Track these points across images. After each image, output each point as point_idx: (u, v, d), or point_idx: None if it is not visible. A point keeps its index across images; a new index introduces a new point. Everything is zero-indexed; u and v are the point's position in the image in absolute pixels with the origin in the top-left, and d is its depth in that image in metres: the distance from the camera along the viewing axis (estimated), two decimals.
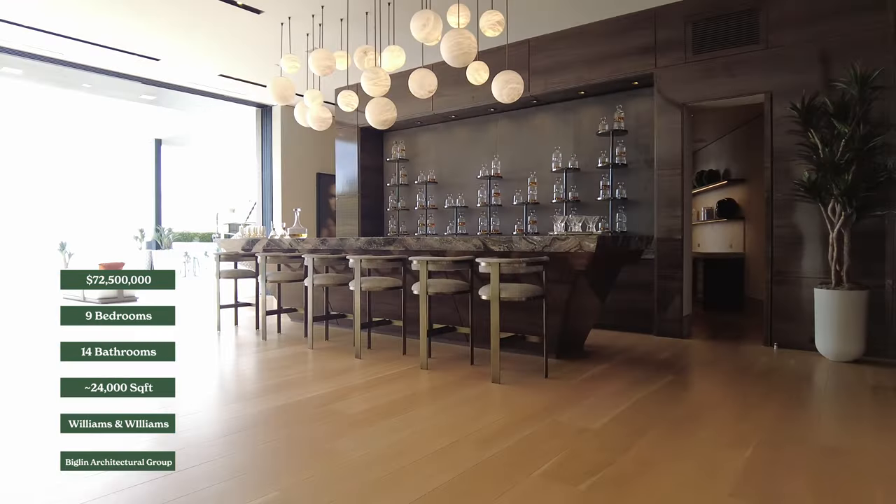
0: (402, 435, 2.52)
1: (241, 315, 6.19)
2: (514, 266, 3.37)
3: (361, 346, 4.25)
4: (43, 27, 6.02)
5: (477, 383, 3.42)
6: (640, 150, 5.62)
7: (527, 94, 5.86)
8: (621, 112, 5.63)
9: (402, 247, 4.35)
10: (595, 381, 3.49)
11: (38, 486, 2.04)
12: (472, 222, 6.88)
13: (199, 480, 2.04)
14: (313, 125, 5.51)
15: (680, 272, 5.02)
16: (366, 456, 2.28)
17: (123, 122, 12.16)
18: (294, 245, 5.33)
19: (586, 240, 3.37)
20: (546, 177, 6.18)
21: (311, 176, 9.85)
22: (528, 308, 3.89)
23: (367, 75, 4.55)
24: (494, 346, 3.38)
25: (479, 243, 3.86)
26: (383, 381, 3.49)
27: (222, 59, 7.14)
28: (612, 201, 5.70)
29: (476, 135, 6.87)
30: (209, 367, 4.11)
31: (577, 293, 3.82)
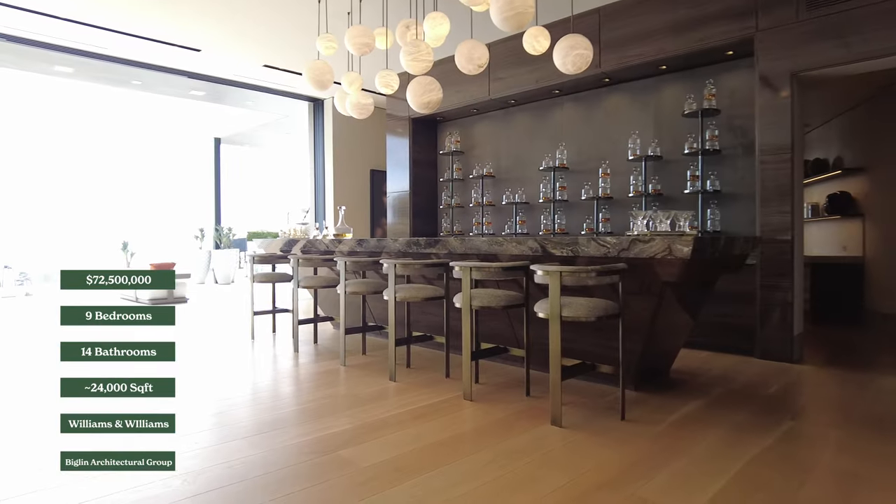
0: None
1: (281, 322, 5.72)
2: (581, 275, 2.61)
3: (396, 366, 3.60)
4: (84, 20, 5.79)
5: (532, 424, 2.69)
6: (735, 134, 4.67)
7: (597, 69, 5.04)
8: (712, 88, 4.70)
9: (445, 249, 3.67)
10: (686, 426, 2.68)
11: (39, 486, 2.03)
12: (533, 220, 6.11)
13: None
14: (353, 113, 4.92)
15: (789, 280, 4.06)
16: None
17: (183, 121, 12.18)
18: (331, 246, 4.77)
19: (678, 241, 2.56)
20: (621, 167, 5.32)
21: (365, 172, 9.36)
22: (599, 329, 3.11)
23: (407, 49, 3.90)
24: (554, 378, 2.63)
25: (536, 245, 3.11)
26: (415, 416, 2.82)
27: (264, 48, 6.73)
28: (702, 195, 4.78)
29: (538, 122, 6.09)
30: (225, 385, 3.58)
31: (663, 310, 3.01)
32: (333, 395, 3.29)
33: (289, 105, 9.62)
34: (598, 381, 3.36)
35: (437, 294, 3.53)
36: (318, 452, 2.35)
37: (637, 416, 2.82)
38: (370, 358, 4.25)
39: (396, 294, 3.48)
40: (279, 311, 5.41)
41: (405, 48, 3.91)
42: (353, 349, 4.45)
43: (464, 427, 2.68)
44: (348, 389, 3.40)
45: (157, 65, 7.18)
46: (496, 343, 3.64)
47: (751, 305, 4.18)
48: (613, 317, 2.72)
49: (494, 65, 5.84)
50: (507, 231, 6.28)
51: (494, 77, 5.95)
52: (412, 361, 4.02)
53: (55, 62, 7.33)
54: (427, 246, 3.79)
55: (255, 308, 5.28)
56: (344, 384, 3.54)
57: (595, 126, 5.61)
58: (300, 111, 9.60)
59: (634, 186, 5.17)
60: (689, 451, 2.36)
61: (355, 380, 3.61)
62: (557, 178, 5.80)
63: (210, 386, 3.57)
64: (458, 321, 3.36)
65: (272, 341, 5.01)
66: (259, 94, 8.94)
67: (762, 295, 4.13)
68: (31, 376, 3.91)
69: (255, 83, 8.16)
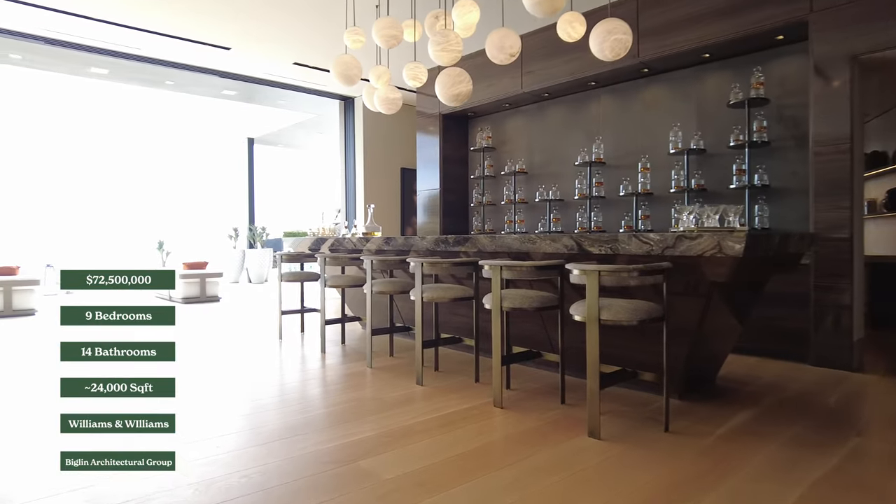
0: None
1: (309, 321, 5.64)
2: (621, 275, 2.41)
3: (423, 369, 3.45)
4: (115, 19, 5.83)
5: (567, 435, 2.50)
6: (786, 124, 4.37)
7: (635, 59, 4.79)
8: (760, 76, 4.41)
9: (474, 248, 3.50)
10: (737, 441, 2.44)
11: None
12: (567, 218, 5.88)
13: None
14: (381, 108, 4.80)
15: (847, 281, 3.75)
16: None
17: (216, 122, 12.32)
18: (359, 245, 4.65)
19: (729, 238, 2.33)
20: (661, 161, 5.06)
21: (395, 171, 9.26)
22: (641, 333, 2.90)
23: (436, 39, 3.74)
24: (592, 387, 2.44)
25: (571, 243, 2.91)
26: (442, 423, 2.67)
27: (293, 45, 6.69)
28: (749, 190, 4.48)
29: (573, 115, 5.86)
30: (248, 387, 3.49)
31: (710, 313, 2.77)
32: (357, 398, 3.16)
33: (320, 104, 9.61)
34: (639, 389, 3.14)
35: (466, 294, 3.36)
36: (338, 462, 2.22)
37: (682, 428, 2.60)
38: (397, 360, 4.12)
39: (423, 294, 3.33)
40: (307, 310, 5.33)
41: (433, 38, 3.75)
42: (381, 350, 4.33)
43: (493, 437, 2.51)
44: (373, 393, 3.27)
45: (188, 64, 7.22)
46: (529, 347, 3.45)
47: (803, 308, 3.88)
48: (657, 320, 2.50)
49: (527, 57, 5.65)
50: (541, 229, 6.07)
51: (527, 70, 5.75)
52: (440, 364, 3.86)
53: (91, 64, 7.45)
54: (456, 244, 3.63)
55: (285, 307, 5.21)
56: (369, 387, 3.41)
57: (633, 119, 5.36)
58: (331, 110, 9.57)
59: (676, 182, 4.91)
60: (741, 469, 2.14)
61: (381, 383, 3.48)
62: (594, 173, 5.56)
63: (232, 387, 3.49)
64: (488, 323, 3.18)
65: (300, 341, 4.93)
66: (290, 93, 8.93)
67: (817, 297, 3.83)
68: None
69: (286, 81, 8.14)
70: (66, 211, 12.34)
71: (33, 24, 5.95)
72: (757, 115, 4.45)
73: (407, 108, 7.98)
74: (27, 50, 6.92)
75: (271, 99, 9.96)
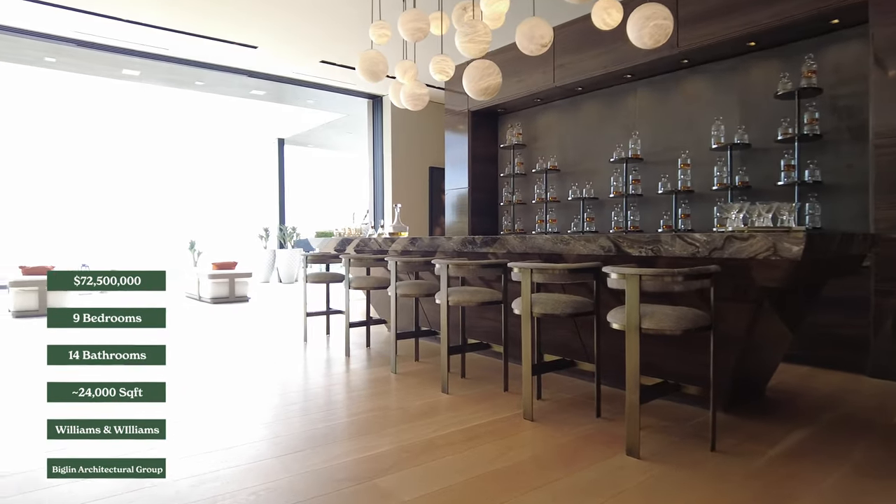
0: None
1: (335, 323, 5.52)
2: (665, 280, 2.19)
3: (449, 376, 3.28)
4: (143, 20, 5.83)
5: (603, 453, 2.29)
6: (840, 116, 4.06)
7: (674, 49, 4.53)
8: (812, 64, 4.10)
9: (503, 248, 3.31)
10: (793, 463, 2.20)
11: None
12: (602, 217, 5.64)
13: None
14: (407, 104, 4.64)
15: None
16: None
17: (247, 122, 12.39)
18: (384, 245, 4.51)
19: (786, 239, 2.09)
20: (702, 157, 4.78)
21: (424, 170, 9.12)
22: (685, 342, 2.67)
23: (463, 30, 3.56)
24: (631, 401, 2.23)
25: (608, 244, 2.70)
26: (467, 437, 2.49)
27: (319, 43, 6.61)
28: (799, 186, 4.18)
29: (608, 109, 5.61)
30: (268, 392, 3.38)
31: (761, 321, 2.53)
32: (379, 407, 3.01)
33: (349, 103, 9.54)
34: (680, 401, 2.91)
35: (495, 298, 3.18)
36: (355, 479, 2.06)
37: (730, 447, 2.36)
38: (423, 365, 3.96)
39: (449, 298, 3.16)
40: (333, 312, 5.21)
41: (461, 29, 3.58)
42: (406, 354, 4.18)
43: (522, 454, 2.32)
44: (396, 402, 3.11)
45: (216, 64, 7.21)
46: (561, 355, 3.25)
47: (861, 314, 3.58)
48: (703, 329, 2.28)
49: (559, 50, 5.43)
50: (574, 229, 5.84)
51: (559, 63, 5.52)
52: (467, 370, 3.69)
53: (122, 66, 7.51)
54: (483, 245, 3.45)
55: (310, 309, 5.12)
56: (393, 395, 3.26)
57: (672, 112, 5.08)
58: (360, 109, 9.49)
59: (718, 178, 4.62)
60: (800, 498, 1.91)
61: (405, 390, 3.32)
62: (630, 170, 5.31)
63: (250, 393, 3.37)
64: (517, 328, 2.99)
65: (325, 344, 4.82)
66: (318, 93, 8.88)
67: (877, 301, 3.52)
68: None
69: (314, 80, 8.08)
70: (100, 212, 12.60)
71: (65, 27, 6.01)
72: (808, 107, 4.14)
73: (436, 106, 7.84)
74: (61, 53, 7.01)
75: (300, 99, 9.94)
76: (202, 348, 4.84)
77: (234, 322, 6.44)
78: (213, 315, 7.04)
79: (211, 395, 3.31)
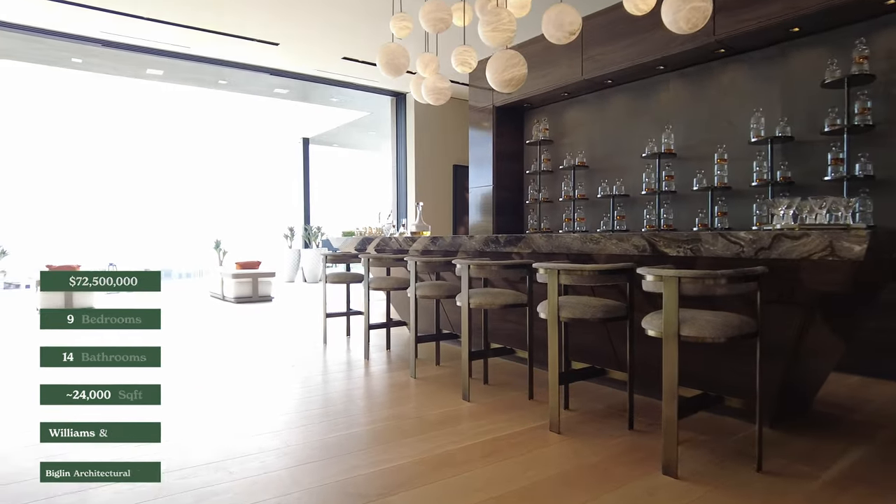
0: None
1: (356, 324, 5.40)
2: (706, 283, 1.98)
3: (470, 383, 3.11)
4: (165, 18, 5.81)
5: (637, 472, 2.10)
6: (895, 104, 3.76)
7: (709, 38, 4.28)
8: (864, 49, 3.81)
9: (528, 248, 3.13)
10: (852, 488, 1.97)
11: None
12: (633, 215, 5.39)
13: None
14: (429, 98, 4.49)
15: None
16: None
17: (271, 122, 12.40)
18: (405, 245, 4.36)
19: (846, 238, 1.86)
20: (740, 151, 4.52)
21: (447, 168, 8.97)
22: (727, 350, 2.45)
23: (487, 19, 3.39)
24: (668, 415, 2.03)
25: (642, 243, 2.50)
26: (489, 451, 2.32)
27: (340, 39, 6.51)
28: (849, 181, 3.89)
29: (640, 103, 5.37)
30: (283, 398, 3.25)
31: (812, 328, 2.30)
32: (396, 415, 2.86)
33: (373, 101, 9.45)
34: (720, 413, 2.69)
35: (519, 301, 3.00)
36: (366, 496, 1.91)
37: (779, 467, 2.14)
38: (444, 369, 3.80)
39: (470, 300, 2.99)
40: (353, 313, 5.09)
41: (484, 17, 3.41)
42: (427, 358, 4.03)
43: (547, 471, 2.14)
44: (414, 409, 2.96)
45: (239, 62, 7.18)
46: (590, 362, 3.05)
47: None
48: (748, 336, 2.06)
49: (587, 41, 5.21)
50: (603, 228, 5.60)
51: (587, 55, 5.30)
52: (490, 376, 3.51)
53: (147, 65, 7.54)
54: (507, 244, 3.26)
55: (331, 309, 5.01)
56: (411, 402, 3.10)
57: (708, 105, 4.82)
58: (384, 107, 9.39)
59: (758, 174, 4.36)
60: None
61: (424, 397, 3.16)
62: (663, 165, 5.06)
63: (265, 398, 3.26)
64: (543, 332, 2.80)
65: (345, 346, 4.70)
66: (342, 90, 8.81)
67: None
68: None
69: (337, 78, 7.99)
70: (128, 211, 12.77)
71: (91, 27, 6.02)
72: (859, 95, 3.85)
73: (460, 103, 7.68)
74: (87, 53, 7.06)
75: (324, 97, 9.88)
76: (217, 349, 4.77)
77: (254, 322, 6.38)
78: (235, 315, 7.00)
79: (221, 398, 3.21)
